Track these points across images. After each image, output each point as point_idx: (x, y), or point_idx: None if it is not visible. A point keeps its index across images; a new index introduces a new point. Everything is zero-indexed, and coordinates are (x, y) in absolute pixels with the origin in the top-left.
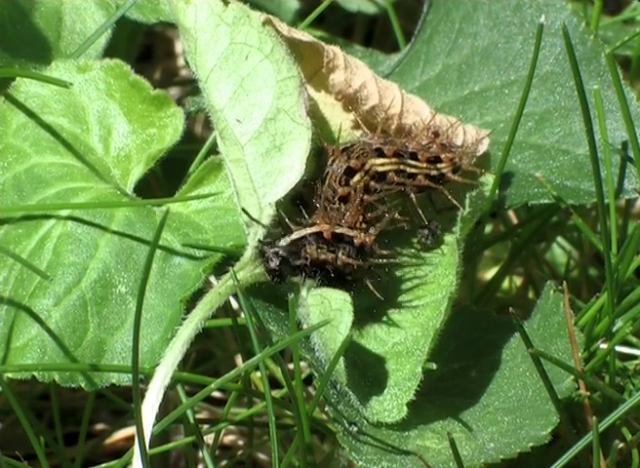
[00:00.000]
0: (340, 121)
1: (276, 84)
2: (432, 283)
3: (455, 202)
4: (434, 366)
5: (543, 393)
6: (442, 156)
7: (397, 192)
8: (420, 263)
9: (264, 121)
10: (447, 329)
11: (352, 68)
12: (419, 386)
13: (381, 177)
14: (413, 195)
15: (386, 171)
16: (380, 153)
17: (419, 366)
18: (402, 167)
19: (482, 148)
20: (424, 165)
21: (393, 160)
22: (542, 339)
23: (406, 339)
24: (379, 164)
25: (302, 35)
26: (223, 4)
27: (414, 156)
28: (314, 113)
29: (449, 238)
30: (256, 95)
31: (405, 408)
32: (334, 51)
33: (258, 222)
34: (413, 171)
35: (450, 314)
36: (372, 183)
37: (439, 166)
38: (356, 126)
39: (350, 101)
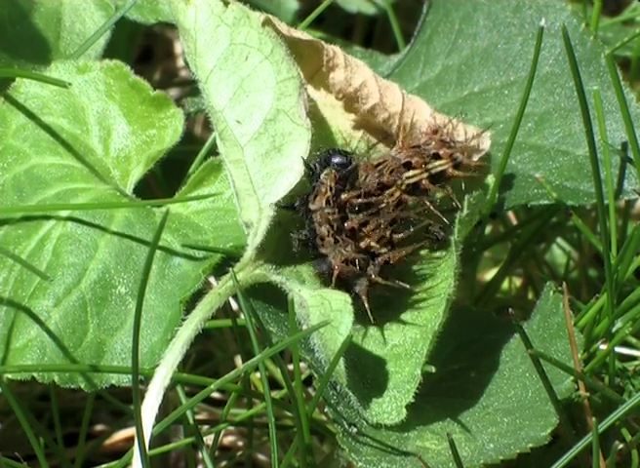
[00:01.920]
0: (341, 122)
1: (276, 85)
2: (430, 285)
3: (456, 202)
4: (433, 369)
5: (543, 394)
6: (440, 152)
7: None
8: (419, 265)
9: (264, 122)
10: (446, 329)
11: (352, 67)
12: (418, 388)
13: (415, 188)
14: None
15: (419, 180)
16: (408, 166)
17: (417, 368)
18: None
19: (484, 146)
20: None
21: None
22: (542, 340)
23: (404, 342)
24: (411, 176)
25: (302, 34)
26: (223, 5)
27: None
28: (314, 114)
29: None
30: (255, 95)
31: (404, 410)
32: (333, 50)
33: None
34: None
35: (449, 315)
36: (404, 196)
37: (437, 163)
38: (357, 127)
39: (351, 100)
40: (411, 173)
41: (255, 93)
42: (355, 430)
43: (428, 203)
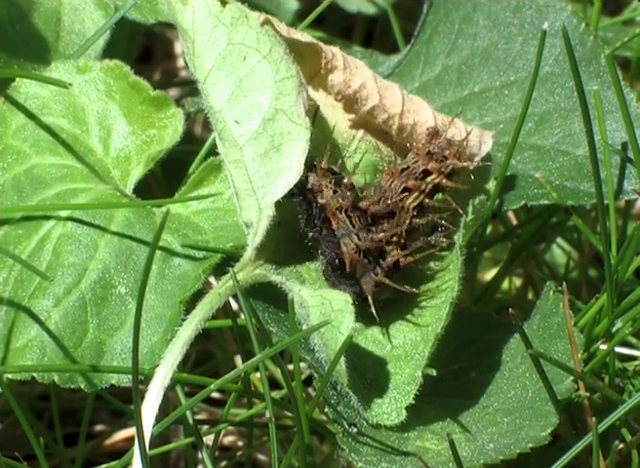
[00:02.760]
0: (341, 121)
1: (274, 84)
2: (432, 286)
3: (459, 209)
4: (434, 372)
5: (543, 394)
6: (429, 167)
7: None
8: (421, 266)
9: (263, 121)
10: (447, 330)
11: (351, 69)
12: (418, 389)
13: (421, 209)
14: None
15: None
16: (407, 191)
17: (418, 370)
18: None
19: (485, 149)
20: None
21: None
22: (542, 340)
23: (404, 343)
24: (412, 201)
25: (301, 36)
26: (221, 5)
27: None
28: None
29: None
30: (254, 95)
31: (404, 411)
32: (332, 51)
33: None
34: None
35: (450, 318)
36: (415, 221)
37: (428, 180)
38: (357, 126)
39: (350, 102)
40: (411, 198)
41: (253, 92)
42: (355, 430)
43: (438, 219)
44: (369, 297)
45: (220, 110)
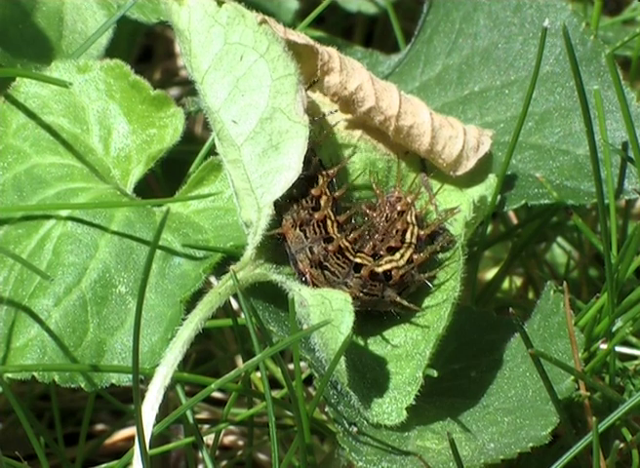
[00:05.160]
0: (337, 122)
1: (272, 83)
2: (433, 286)
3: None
4: (435, 373)
5: (543, 393)
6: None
7: None
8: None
9: (260, 121)
10: (448, 330)
11: (348, 70)
12: (419, 390)
13: (419, 243)
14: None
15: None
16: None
17: (419, 370)
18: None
19: (484, 149)
20: None
21: None
22: (543, 340)
23: (405, 342)
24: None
25: (298, 36)
26: (217, 5)
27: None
28: (313, 112)
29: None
30: (251, 95)
31: (404, 412)
32: (329, 53)
33: None
34: None
35: (452, 318)
36: (415, 257)
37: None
38: (355, 126)
39: (346, 103)
40: (407, 237)
41: (250, 92)
42: (356, 429)
43: (437, 248)
44: (306, 275)
45: (217, 110)
